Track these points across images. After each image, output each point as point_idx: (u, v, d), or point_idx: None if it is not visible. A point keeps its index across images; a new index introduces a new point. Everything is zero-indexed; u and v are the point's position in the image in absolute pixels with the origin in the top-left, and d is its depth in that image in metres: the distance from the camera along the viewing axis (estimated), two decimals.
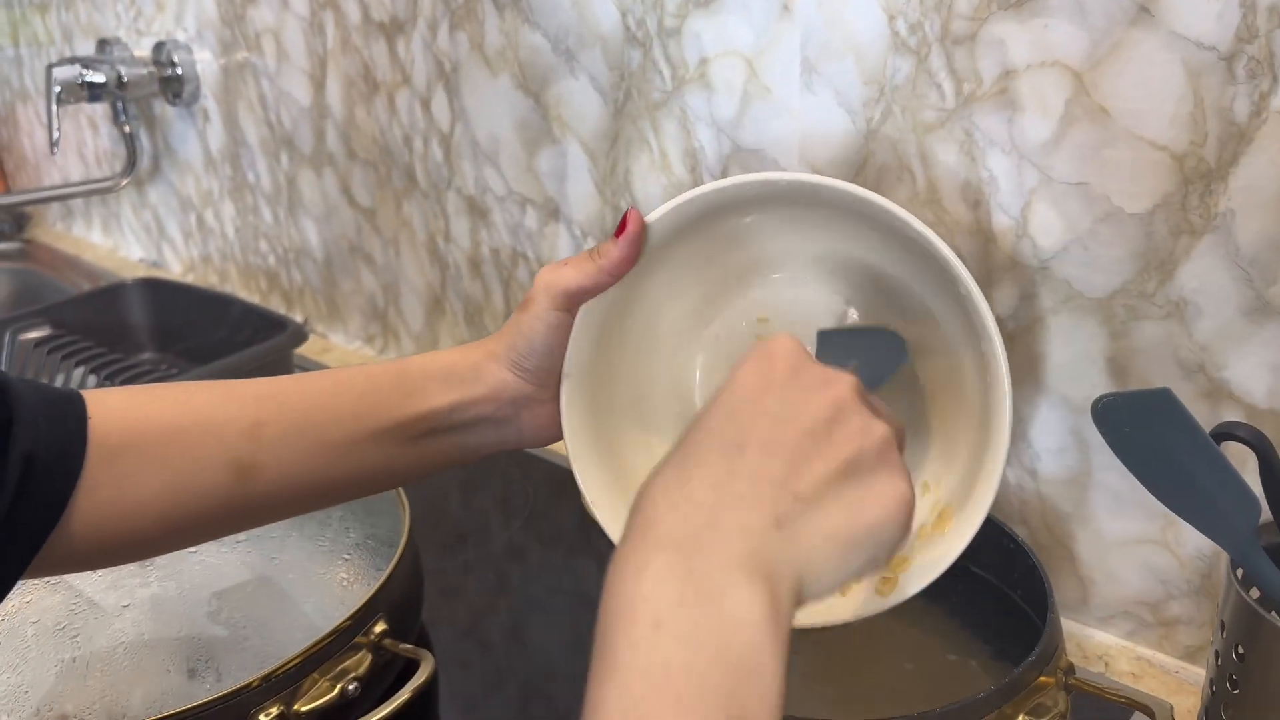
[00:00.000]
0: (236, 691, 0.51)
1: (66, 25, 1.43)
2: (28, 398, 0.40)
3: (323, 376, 0.48)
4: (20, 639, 0.54)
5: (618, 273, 0.46)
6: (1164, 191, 0.52)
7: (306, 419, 0.46)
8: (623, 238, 0.45)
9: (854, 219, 0.46)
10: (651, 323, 0.51)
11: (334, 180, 1.07)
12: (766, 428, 0.33)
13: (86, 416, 0.42)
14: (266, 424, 0.45)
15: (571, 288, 0.46)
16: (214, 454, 0.44)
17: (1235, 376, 0.53)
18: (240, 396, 0.46)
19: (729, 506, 0.31)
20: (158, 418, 0.44)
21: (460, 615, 0.70)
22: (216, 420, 0.44)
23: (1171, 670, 0.60)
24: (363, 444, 0.47)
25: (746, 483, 0.32)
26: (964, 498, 0.46)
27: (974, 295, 0.42)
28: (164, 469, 0.43)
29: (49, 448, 0.39)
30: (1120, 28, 0.51)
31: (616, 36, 0.74)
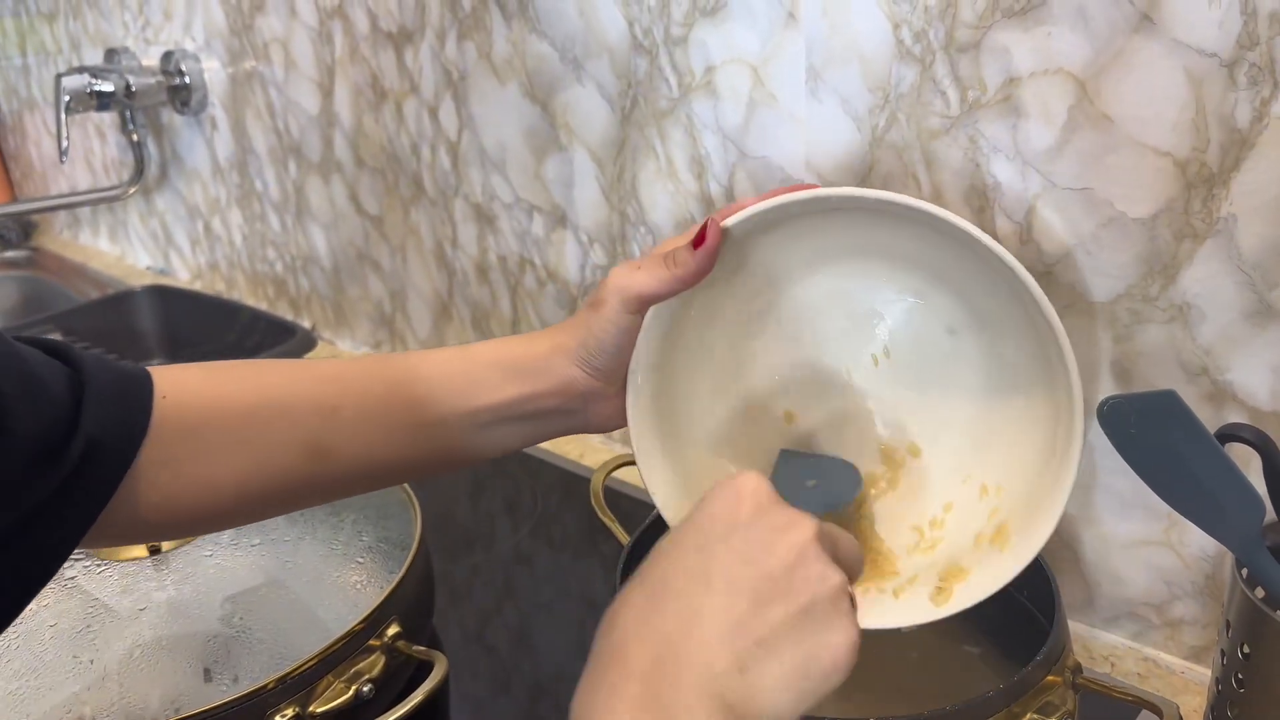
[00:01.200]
0: (253, 693, 0.51)
1: (74, 34, 1.44)
2: (97, 378, 0.41)
3: (392, 363, 0.49)
4: (39, 641, 0.55)
5: (692, 282, 0.47)
6: (1167, 196, 0.53)
7: (379, 405, 0.47)
8: (702, 250, 0.46)
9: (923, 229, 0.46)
10: (715, 315, 0.52)
11: (342, 188, 1.08)
12: (733, 566, 0.35)
13: (152, 397, 0.43)
14: (340, 409, 0.46)
15: (645, 293, 0.47)
16: (289, 435, 0.45)
17: (1238, 379, 0.54)
18: (313, 378, 0.47)
19: (695, 645, 0.33)
20: (232, 396, 0.45)
21: (469, 618, 0.70)
22: (290, 402, 0.46)
23: (1177, 670, 0.61)
24: (433, 430, 0.48)
25: (711, 622, 0.34)
26: (1026, 519, 0.47)
27: (1057, 330, 0.43)
28: (240, 448, 0.44)
29: (113, 428, 0.41)
30: (1123, 35, 0.51)
31: (623, 45, 0.75)
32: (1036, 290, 0.43)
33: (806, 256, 0.51)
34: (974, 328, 0.50)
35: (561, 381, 0.49)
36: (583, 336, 0.48)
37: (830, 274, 0.52)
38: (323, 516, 0.65)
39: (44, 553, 0.39)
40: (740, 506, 0.36)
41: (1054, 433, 0.46)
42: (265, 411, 0.45)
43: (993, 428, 0.50)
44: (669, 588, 0.35)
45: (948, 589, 0.47)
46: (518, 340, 0.50)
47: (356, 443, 0.47)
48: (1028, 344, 0.47)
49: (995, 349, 0.49)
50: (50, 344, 0.41)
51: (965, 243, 0.44)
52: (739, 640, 0.33)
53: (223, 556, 0.61)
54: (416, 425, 0.48)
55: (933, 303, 0.50)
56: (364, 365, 0.49)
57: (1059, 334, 0.43)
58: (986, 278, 0.47)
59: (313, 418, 0.46)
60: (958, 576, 0.47)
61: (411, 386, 0.48)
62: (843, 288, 0.52)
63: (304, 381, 0.47)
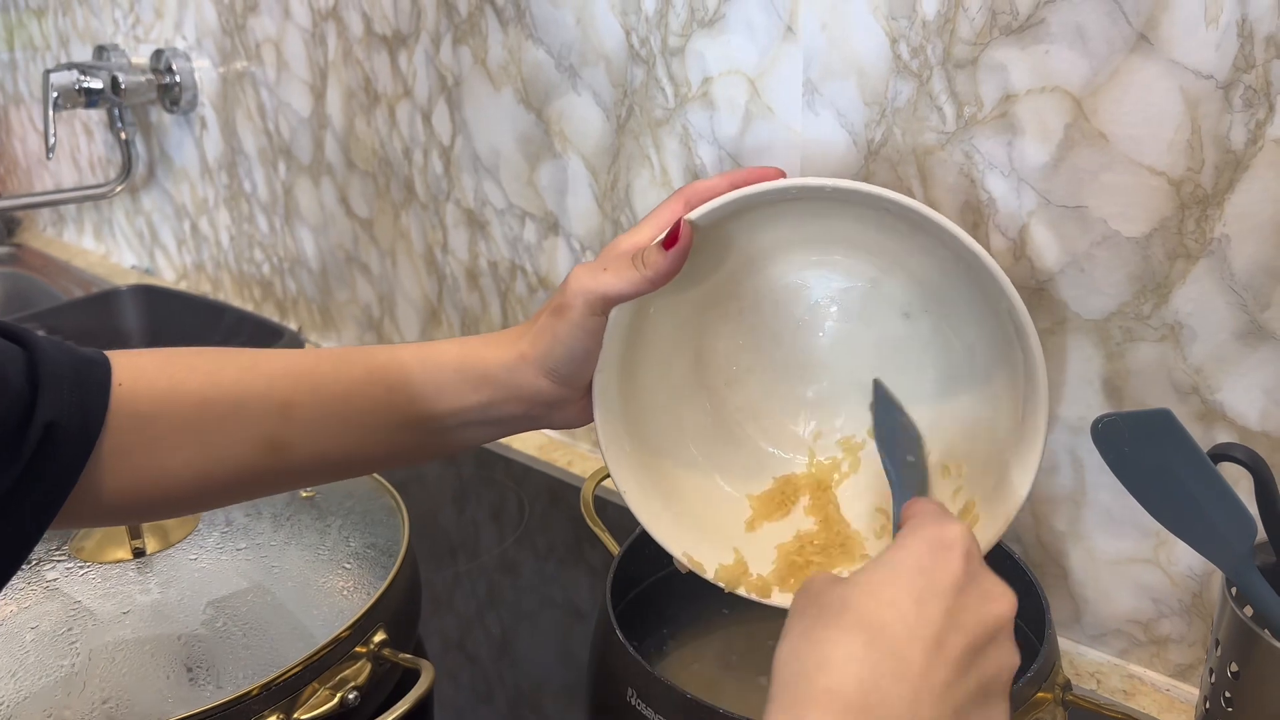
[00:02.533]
0: (237, 699, 0.51)
1: (63, 31, 1.43)
2: (56, 362, 0.40)
3: (354, 361, 0.49)
4: (20, 644, 0.54)
5: (662, 283, 0.46)
6: (1161, 216, 0.53)
7: (338, 404, 0.47)
8: (674, 250, 0.46)
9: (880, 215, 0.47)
10: (674, 307, 0.53)
11: (332, 190, 1.07)
12: (946, 630, 0.34)
13: (110, 384, 0.42)
14: (298, 405, 0.46)
15: (612, 295, 0.46)
16: (244, 429, 0.45)
17: (1229, 399, 0.54)
18: (270, 372, 0.46)
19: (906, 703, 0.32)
20: (187, 385, 0.44)
21: (452, 627, 0.70)
22: (244, 397, 0.45)
23: (1162, 688, 0.61)
24: (393, 430, 0.48)
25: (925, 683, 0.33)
26: (993, 497, 0.48)
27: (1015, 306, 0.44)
28: (195, 439, 0.44)
29: (71, 414, 0.40)
30: (1120, 55, 0.52)
31: (620, 54, 0.75)
32: (994, 267, 0.44)
33: (765, 247, 0.52)
34: (930, 311, 0.51)
35: (527, 391, 0.49)
36: (548, 345, 0.48)
37: (787, 264, 0.53)
38: (309, 522, 0.65)
39: (11, 540, 0.39)
40: (954, 562, 0.35)
41: (1017, 410, 0.47)
42: (220, 405, 0.45)
43: (952, 408, 0.51)
44: (889, 636, 0.33)
45: None
46: (482, 344, 0.49)
47: (312, 438, 0.47)
48: (986, 324, 0.48)
49: (951, 330, 0.51)
50: (4, 327, 0.41)
51: (921, 225, 0.45)
52: (941, 706, 0.33)
53: (207, 560, 0.60)
54: (377, 426, 0.48)
55: (887, 288, 0.52)
56: (322, 361, 0.48)
57: (1018, 309, 0.44)
58: (942, 260, 0.48)
59: (268, 413, 0.46)
60: None
61: (371, 388, 0.48)
62: (800, 277, 0.53)
63: (260, 376, 0.46)
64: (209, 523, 0.63)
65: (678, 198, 0.49)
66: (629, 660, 0.49)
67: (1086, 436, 0.60)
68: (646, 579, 0.62)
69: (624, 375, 0.51)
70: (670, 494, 0.53)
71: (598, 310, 0.47)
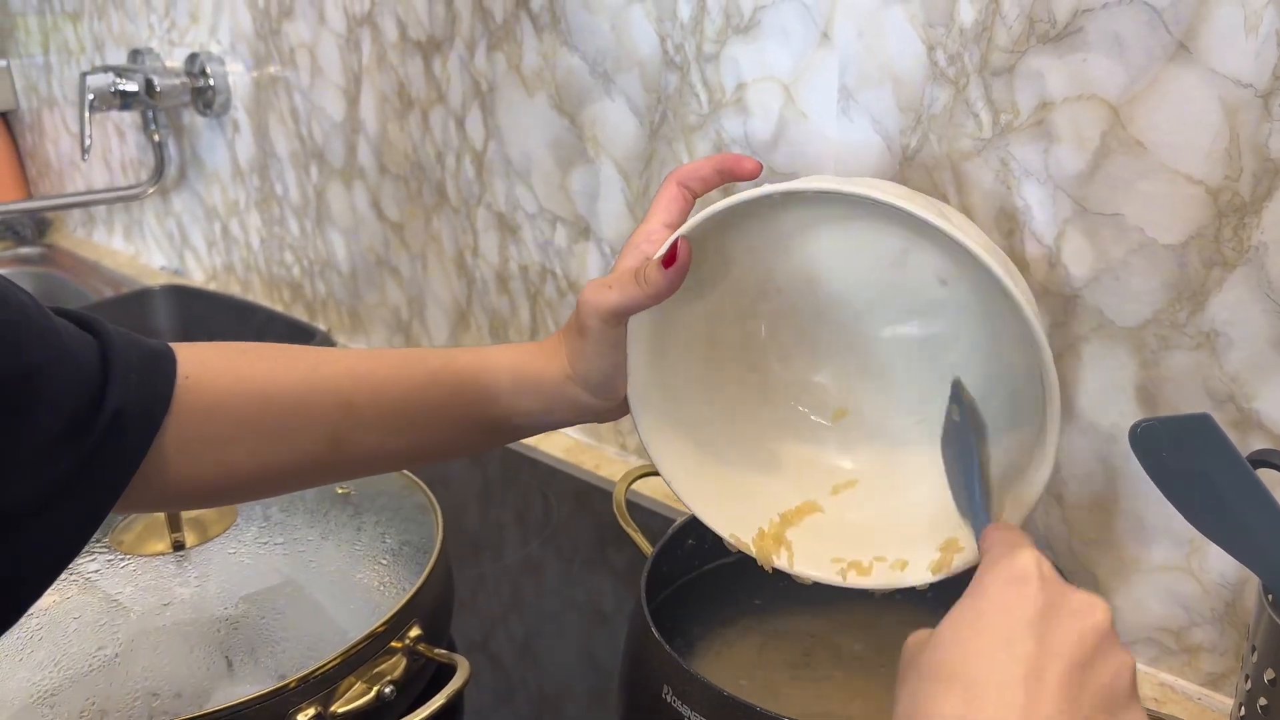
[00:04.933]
0: (274, 692, 0.51)
1: (98, 34, 1.45)
2: (125, 352, 0.41)
3: (413, 364, 0.50)
4: (63, 634, 0.55)
5: (663, 298, 0.48)
6: (1197, 224, 0.53)
7: (399, 404, 0.49)
8: (673, 270, 0.47)
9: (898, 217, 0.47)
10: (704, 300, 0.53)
11: (364, 194, 1.08)
12: (1043, 661, 0.34)
13: (175, 373, 0.43)
14: (360, 405, 0.48)
15: (618, 308, 0.48)
16: (308, 425, 0.46)
17: (1265, 407, 0.54)
18: (333, 372, 0.48)
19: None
20: (252, 381, 0.46)
21: (475, 627, 0.70)
22: (310, 393, 0.47)
23: (1194, 697, 0.61)
24: (448, 429, 0.50)
25: (1032, 716, 0.32)
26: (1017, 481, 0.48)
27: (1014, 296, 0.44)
28: (258, 433, 0.45)
29: (138, 402, 0.41)
30: (1158, 64, 0.52)
31: (655, 60, 0.75)
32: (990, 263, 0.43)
33: (790, 228, 0.53)
34: (963, 275, 0.51)
35: (574, 404, 0.51)
36: (585, 367, 0.50)
37: (816, 243, 0.53)
38: (345, 519, 0.65)
39: (72, 524, 0.40)
40: (1031, 594, 0.35)
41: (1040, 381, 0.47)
42: (284, 402, 0.46)
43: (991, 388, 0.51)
44: (984, 685, 0.33)
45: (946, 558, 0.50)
46: (531, 356, 0.51)
47: (372, 435, 0.48)
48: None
49: (987, 292, 0.50)
50: (79, 316, 0.42)
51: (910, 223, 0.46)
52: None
53: (245, 554, 0.61)
54: (435, 425, 0.50)
55: (919, 257, 0.52)
56: (383, 363, 0.50)
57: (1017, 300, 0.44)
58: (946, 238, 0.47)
59: (330, 411, 0.47)
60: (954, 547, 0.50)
61: (431, 391, 0.50)
62: (831, 253, 0.53)
63: (323, 375, 0.48)
64: (247, 517, 0.64)
65: (669, 183, 0.52)
66: (665, 658, 0.49)
67: (1119, 444, 0.60)
68: (677, 580, 0.62)
69: (658, 375, 0.52)
70: (717, 481, 0.54)
71: (611, 324, 0.49)
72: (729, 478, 0.54)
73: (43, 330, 0.38)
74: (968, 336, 0.52)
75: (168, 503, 0.47)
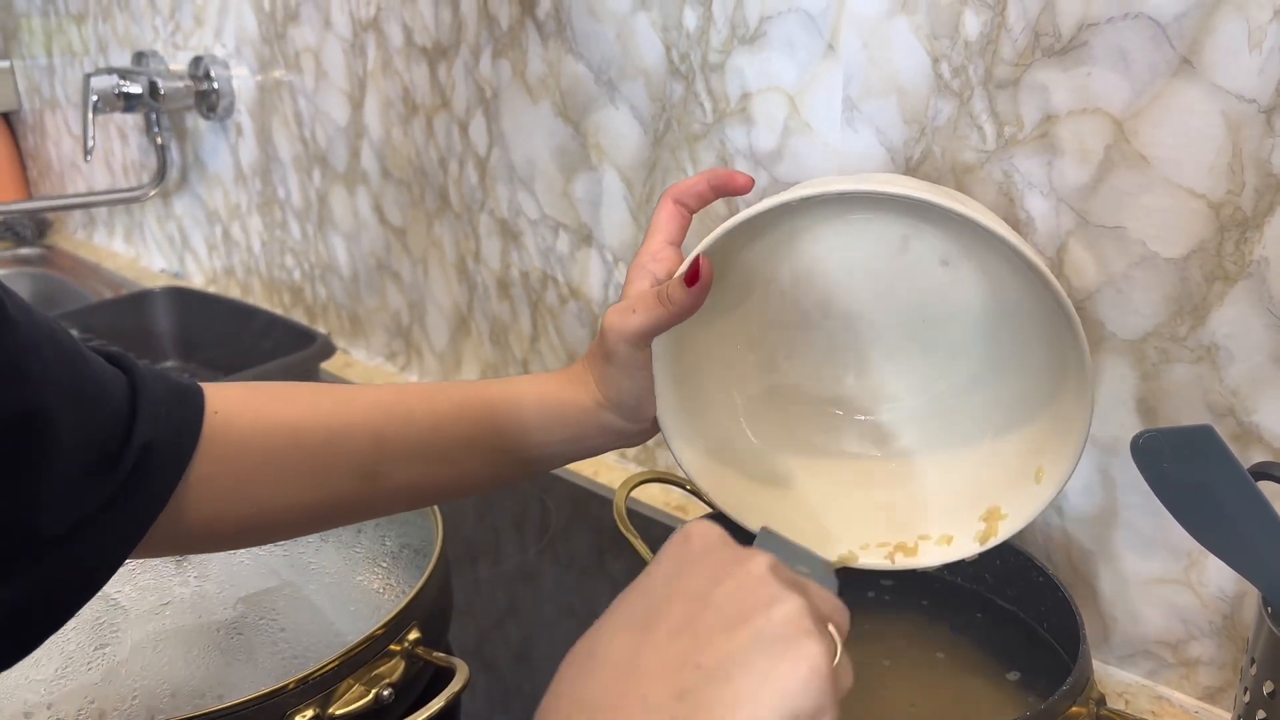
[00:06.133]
0: (273, 693, 0.51)
1: (103, 36, 1.46)
2: (153, 388, 0.41)
3: (440, 398, 0.50)
4: (62, 633, 0.55)
5: (687, 316, 0.49)
6: (1199, 238, 0.54)
7: (428, 435, 0.49)
8: (697, 287, 0.48)
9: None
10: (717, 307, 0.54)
11: (366, 198, 1.09)
12: (678, 607, 0.33)
13: (204, 409, 0.43)
14: (389, 439, 0.48)
15: (645, 330, 0.49)
16: (339, 459, 0.46)
17: (1265, 421, 0.54)
18: (362, 406, 0.48)
19: (632, 682, 0.31)
20: (282, 417, 0.45)
21: (471, 634, 0.70)
22: (340, 427, 0.47)
23: (1191, 710, 0.61)
24: (478, 461, 0.50)
25: (649, 664, 0.31)
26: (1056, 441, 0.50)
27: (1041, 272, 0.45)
28: (289, 469, 0.45)
29: (166, 437, 0.41)
30: (1162, 78, 0.52)
31: (660, 69, 0.76)
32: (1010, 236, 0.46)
33: (793, 227, 0.54)
34: (964, 255, 0.53)
35: (605, 428, 0.52)
36: (615, 392, 0.51)
37: (818, 238, 0.54)
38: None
39: (97, 559, 0.40)
40: (688, 550, 0.34)
41: (1063, 353, 0.48)
42: (315, 436, 0.46)
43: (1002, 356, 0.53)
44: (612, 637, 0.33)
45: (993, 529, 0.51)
46: (558, 386, 0.52)
47: (403, 469, 0.48)
48: (1019, 266, 0.49)
49: (989, 272, 0.52)
50: (108, 352, 0.42)
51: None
52: (679, 673, 0.31)
53: (245, 555, 0.61)
54: (464, 457, 0.50)
55: (921, 241, 0.53)
56: (410, 395, 0.50)
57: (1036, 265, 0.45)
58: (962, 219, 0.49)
59: (361, 445, 0.47)
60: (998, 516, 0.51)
61: (459, 424, 0.50)
62: (833, 247, 0.54)
63: (353, 409, 0.48)
64: None
65: (665, 202, 0.53)
66: None
67: (1119, 455, 0.61)
68: None
69: (682, 389, 0.53)
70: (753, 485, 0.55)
71: (639, 347, 0.50)
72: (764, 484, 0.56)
73: (74, 360, 0.38)
74: (973, 312, 0.54)
75: (196, 543, 0.46)
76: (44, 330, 0.37)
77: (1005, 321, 0.53)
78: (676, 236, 0.52)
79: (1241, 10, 0.49)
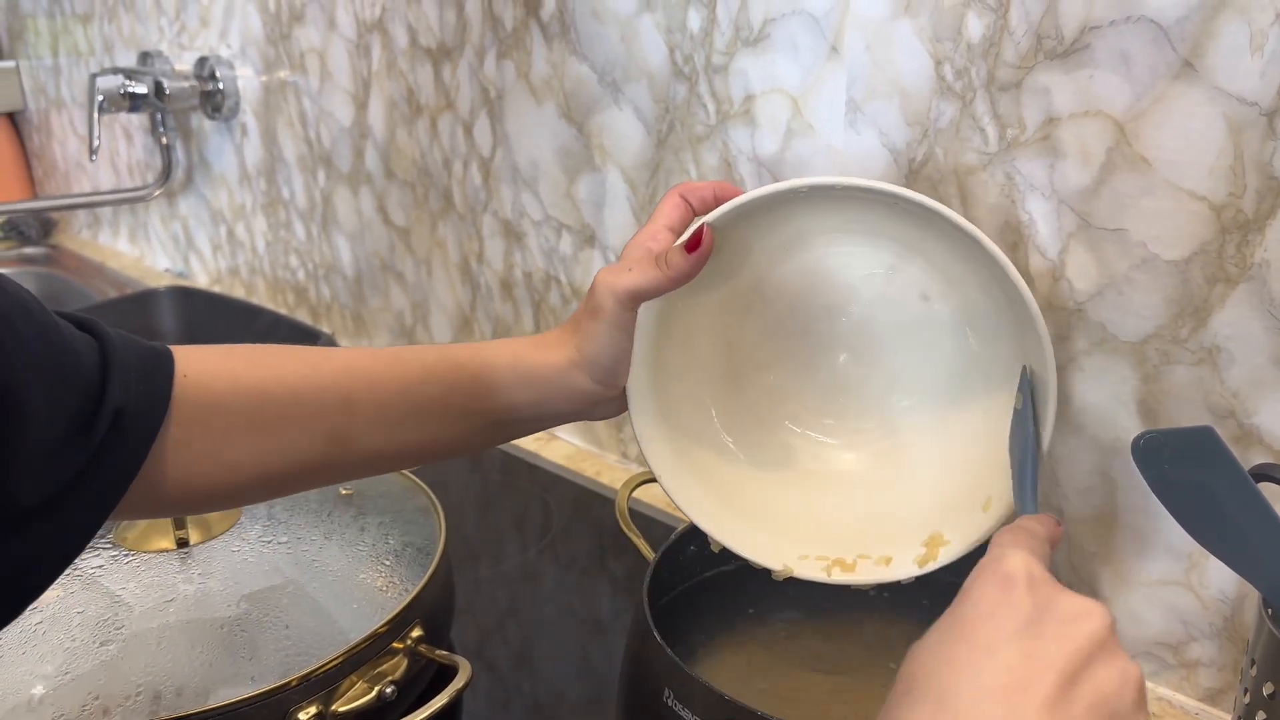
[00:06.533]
0: (276, 690, 0.51)
1: (108, 37, 1.46)
2: (124, 353, 0.41)
3: (410, 359, 0.51)
4: (66, 629, 0.55)
5: (684, 282, 0.49)
6: (1201, 240, 0.54)
7: (397, 399, 0.49)
8: (697, 255, 0.49)
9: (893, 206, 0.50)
10: (700, 303, 0.55)
11: (370, 199, 1.09)
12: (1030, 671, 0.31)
13: (174, 372, 0.43)
14: (358, 400, 0.48)
15: (638, 290, 0.49)
16: (307, 421, 0.46)
17: (1265, 423, 0.54)
18: (331, 369, 0.48)
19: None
20: (251, 378, 0.46)
21: (472, 634, 0.70)
22: (308, 389, 0.47)
23: (1191, 712, 0.61)
24: (448, 424, 0.50)
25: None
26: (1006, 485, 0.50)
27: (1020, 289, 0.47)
28: (258, 430, 0.45)
29: (137, 403, 0.41)
30: (1164, 81, 0.53)
31: (664, 71, 0.76)
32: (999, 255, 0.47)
33: (786, 239, 0.55)
34: (945, 294, 0.54)
35: (576, 392, 0.52)
36: (594, 349, 0.51)
37: (808, 255, 0.55)
38: (348, 520, 0.66)
39: (74, 526, 0.40)
40: (1016, 595, 0.33)
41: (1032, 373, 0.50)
42: (283, 398, 0.46)
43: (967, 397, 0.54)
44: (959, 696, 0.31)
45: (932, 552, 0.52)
46: (532, 347, 0.52)
47: (372, 431, 0.48)
48: (996, 304, 0.51)
49: (966, 310, 0.54)
50: (77, 317, 0.42)
51: (928, 218, 0.48)
52: None
53: (249, 553, 0.61)
54: (433, 420, 0.50)
55: (906, 273, 0.54)
56: (380, 358, 0.51)
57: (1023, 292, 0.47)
58: (952, 246, 0.50)
59: (330, 407, 0.47)
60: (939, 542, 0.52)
61: (427, 385, 0.50)
62: (821, 266, 0.55)
63: (321, 372, 0.48)
64: (250, 516, 0.64)
65: (672, 194, 0.53)
66: (667, 661, 0.49)
67: (1120, 457, 0.61)
68: (678, 586, 0.63)
69: (656, 371, 0.54)
70: (707, 480, 0.55)
71: (627, 307, 0.50)
72: (720, 480, 0.56)
73: (45, 328, 0.38)
74: (944, 350, 0.55)
75: (170, 506, 0.46)
76: (15, 300, 0.37)
77: (975, 364, 0.54)
78: (677, 226, 0.52)
79: (1243, 13, 0.49)
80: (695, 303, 0.54)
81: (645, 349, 0.52)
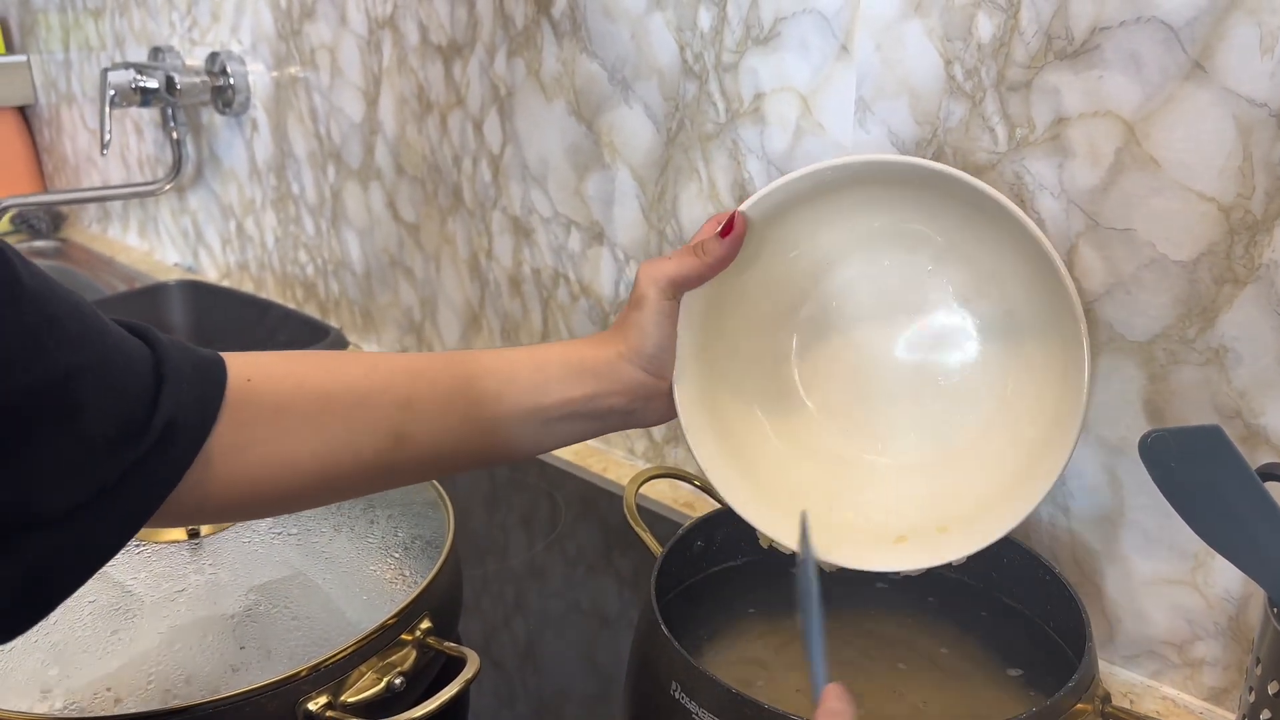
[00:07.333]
0: (285, 680, 0.52)
1: (120, 31, 1.47)
2: (177, 361, 0.42)
3: (466, 359, 0.52)
4: (77, 618, 0.56)
5: (720, 268, 0.51)
6: (1209, 241, 0.54)
7: (455, 398, 0.50)
8: (729, 238, 0.50)
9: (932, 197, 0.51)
10: (750, 306, 0.57)
11: (380, 195, 1.09)
12: None
13: (225, 380, 0.44)
14: (418, 400, 0.49)
15: (676, 277, 0.51)
16: (369, 421, 0.47)
17: (1272, 423, 0.55)
18: (389, 370, 0.49)
19: None
20: (313, 380, 0.46)
21: (479, 629, 0.71)
22: (369, 390, 0.48)
23: (1196, 711, 0.61)
24: (504, 422, 0.51)
25: None
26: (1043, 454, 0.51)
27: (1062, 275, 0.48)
28: (321, 430, 0.46)
29: (189, 410, 0.41)
30: (1174, 82, 0.53)
31: (674, 69, 0.76)
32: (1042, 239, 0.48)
33: (825, 248, 0.56)
34: (985, 295, 0.55)
35: (626, 383, 0.52)
36: (639, 338, 0.52)
37: (848, 263, 0.57)
38: (358, 513, 0.66)
39: (113, 527, 0.40)
40: None
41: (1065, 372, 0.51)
42: (347, 397, 0.47)
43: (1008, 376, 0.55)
44: None
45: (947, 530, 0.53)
46: (583, 343, 0.53)
47: (432, 431, 0.49)
48: (1035, 295, 0.52)
49: (1005, 307, 0.54)
50: (131, 324, 0.42)
51: (975, 203, 0.49)
52: None
53: (260, 544, 0.62)
54: (486, 419, 0.51)
55: (944, 274, 0.55)
56: (436, 360, 0.52)
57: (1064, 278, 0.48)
58: (993, 238, 0.51)
59: (390, 407, 0.48)
60: None
61: (481, 381, 0.51)
62: (863, 267, 0.57)
63: (380, 373, 0.49)
64: None
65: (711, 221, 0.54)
66: (675, 654, 0.50)
67: (1126, 456, 0.61)
68: (686, 581, 0.63)
69: (704, 364, 0.55)
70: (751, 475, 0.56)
71: (668, 295, 0.52)
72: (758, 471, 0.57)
73: (97, 332, 0.39)
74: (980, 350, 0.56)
75: (215, 513, 0.46)
76: (66, 303, 0.37)
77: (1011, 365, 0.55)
78: None
79: (1253, 15, 0.50)
80: (740, 305, 0.56)
81: (693, 343, 0.53)
